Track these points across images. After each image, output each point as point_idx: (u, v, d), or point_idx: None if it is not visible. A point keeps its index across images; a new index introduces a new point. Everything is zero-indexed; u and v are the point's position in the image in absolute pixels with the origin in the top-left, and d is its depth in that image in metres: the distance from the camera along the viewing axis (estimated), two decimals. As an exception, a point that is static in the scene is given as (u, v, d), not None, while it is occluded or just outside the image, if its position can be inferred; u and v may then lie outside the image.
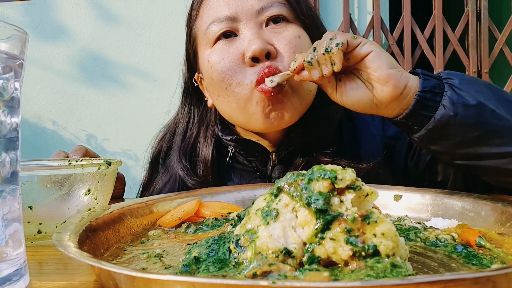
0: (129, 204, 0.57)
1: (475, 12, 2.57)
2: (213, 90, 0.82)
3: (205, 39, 0.82)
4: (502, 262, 0.39)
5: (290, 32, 0.78)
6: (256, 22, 0.78)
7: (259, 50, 0.74)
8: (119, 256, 0.44)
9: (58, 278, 0.41)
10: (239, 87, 0.77)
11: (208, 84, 0.85)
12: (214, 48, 0.80)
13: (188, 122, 0.95)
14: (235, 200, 0.69)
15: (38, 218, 0.55)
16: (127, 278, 0.31)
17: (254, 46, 0.74)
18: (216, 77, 0.79)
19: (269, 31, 0.78)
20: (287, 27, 0.79)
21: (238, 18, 0.78)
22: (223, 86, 0.79)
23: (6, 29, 0.35)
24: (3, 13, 2.71)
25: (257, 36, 0.76)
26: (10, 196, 0.36)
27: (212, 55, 0.80)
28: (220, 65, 0.78)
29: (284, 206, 0.38)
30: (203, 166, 0.88)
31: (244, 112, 0.79)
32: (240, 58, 0.77)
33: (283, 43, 0.77)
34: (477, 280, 0.26)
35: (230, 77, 0.77)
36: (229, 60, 0.77)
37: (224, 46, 0.79)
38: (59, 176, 0.55)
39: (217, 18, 0.79)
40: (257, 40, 0.75)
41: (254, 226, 0.38)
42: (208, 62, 0.80)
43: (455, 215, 0.56)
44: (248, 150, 0.87)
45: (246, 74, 0.76)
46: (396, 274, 0.31)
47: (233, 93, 0.78)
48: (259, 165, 0.88)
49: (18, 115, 0.38)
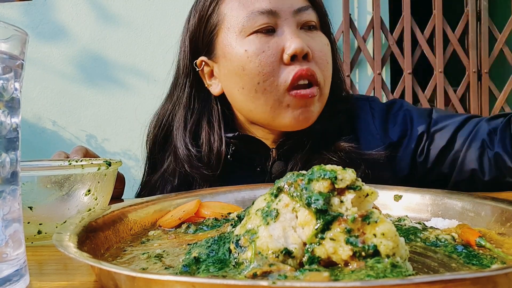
0: (129, 204, 0.57)
1: (475, 12, 2.57)
2: (238, 80, 0.80)
3: (239, 28, 0.79)
4: (502, 262, 0.39)
5: (322, 40, 0.82)
6: (294, 21, 0.79)
7: (300, 49, 0.75)
8: (119, 257, 0.44)
9: (58, 278, 0.41)
10: (272, 86, 0.77)
11: (231, 73, 0.81)
12: (251, 38, 0.78)
13: (188, 109, 0.90)
14: (235, 200, 0.69)
15: (38, 218, 0.55)
16: (127, 279, 0.31)
17: (295, 45, 0.75)
18: (251, 68, 0.77)
19: (304, 33, 0.80)
20: (319, 35, 0.82)
21: (278, 13, 0.78)
22: (256, 80, 0.77)
23: (6, 30, 0.35)
24: (3, 13, 2.71)
25: (297, 35, 0.77)
26: (10, 196, 0.36)
27: (250, 45, 0.78)
28: (259, 58, 0.77)
29: (284, 206, 0.38)
30: (210, 155, 0.85)
31: (270, 111, 0.79)
32: (279, 53, 0.77)
33: (317, 49, 0.79)
34: (477, 280, 0.26)
35: (266, 73, 0.77)
36: (269, 53, 0.77)
37: (263, 39, 0.78)
38: (59, 176, 0.55)
39: (257, 9, 0.78)
40: (298, 40, 0.76)
41: (254, 226, 0.38)
42: (246, 51, 0.78)
43: (455, 215, 0.56)
44: (249, 146, 0.87)
45: (281, 74, 0.77)
46: (396, 274, 0.31)
47: (264, 90, 0.77)
48: (259, 161, 0.88)
49: (18, 115, 0.38)
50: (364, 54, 2.57)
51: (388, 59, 2.61)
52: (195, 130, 0.88)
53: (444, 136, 0.87)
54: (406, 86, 2.58)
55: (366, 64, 2.61)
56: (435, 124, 0.88)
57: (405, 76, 2.58)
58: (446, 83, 2.58)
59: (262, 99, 0.78)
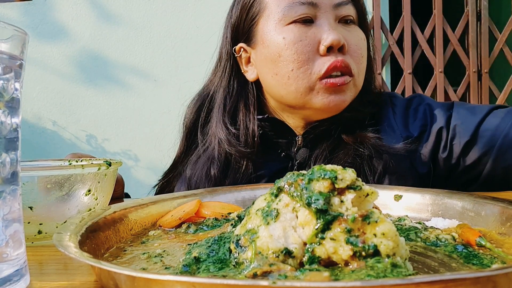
0: (129, 204, 0.57)
1: (475, 12, 2.57)
2: (273, 67, 0.83)
3: (280, 16, 0.82)
4: (503, 262, 0.39)
5: (358, 34, 0.84)
6: (332, 14, 0.82)
7: (337, 41, 0.78)
8: (120, 256, 0.44)
9: (59, 278, 0.41)
10: (306, 74, 0.80)
11: (267, 59, 0.85)
12: (290, 27, 0.82)
13: (228, 92, 0.94)
14: (236, 200, 0.69)
15: (38, 218, 0.55)
16: (127, 278, 0.31)
17: (332, 36, 0.78)
18: (287, 55, 0.80)
19: (341, 27, 0.83)
20: (355, 29, 0.85)
21: (318, 5, 0.81)
22: (290, 67, 0.81)
23: (6, 30, 0.35)
24: (3, 13, 2.71)
25: (335, 27, 0.80)
26: (11, 196, 0.36)
27: (288, 33, 0.81)
28: (297, 46, 0.80)
29: (284, 206, 0.38)
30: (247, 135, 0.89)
31: (301, 97, 0.82)
32: (316, 44, 0.80)
33: (353, 43, 0.82)
34: (478, 280, 0.26)
35: (302, 61, 0.80)
36: (306, 43, 0.80)
37: (302, 28, 0.81)
38: (59, 176, 0.55)
39: (299, 0, 0.81)
40: (335, 32, 0.79)
41: (254, 226, 0.38)
42: (284, 39, 0.81)
43: (455, 215, 0.56)
44: (276, 130, 0.90)
45: (316, 63, 0.80)
46: (397, 274, 0.31)
47: (297, 78, 0.80)
48: (284, 146, 0.90)
49: (18, 115, 0.38)
50: (364, 54, 2.57)
51: (388, 59, 2.61)
52: (234, 111, 0.93)
53: (468, 130, 0.84)
54: (406, 86, 2.58)
55: (366, 64, 2.61)
56: (456, 118, 0.86)
57: (405, 76, 2.58)
58: (446, 83, 2.58)
59: (293, 86, 0.81)
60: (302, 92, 0.81)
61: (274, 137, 0.90)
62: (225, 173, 0.89)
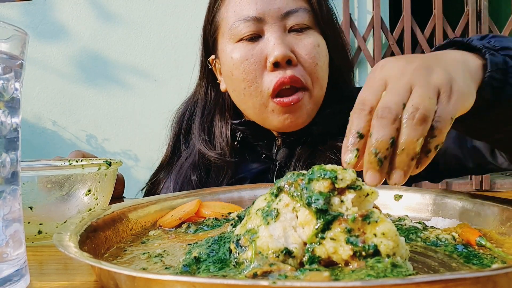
0: (129, 204, 0.57)
1: (475, 12, 2.57)
2: (231, 83, 0.85)
3: (229, 34, 0.82)
4: (503, 262, 0.39)
5: (311, 41, 0.80)
6: (281, 26, 0.79)
7: (281, 56, 0.76)
8: (120, 256, 0.44)
9: (59, 278, 0.41)
10: (257, 92, 0.79)
11: (226, 77, 0.86)
12: (238, 45, 0.81)
13: (206, 101, 0.96)
14: (235, 200, 0.69)
15: (38, 218, 0.55)
16: (127, 278, 0.31)
17: (276, 52, 0.76)
18: (237, 75, 0.81)
19: (292, 37, 0.80)
20: (308, 35, 0.81)
21: (264, 19, 0.79)
22: (242, 86, 0.81)
23: (6, 30, 0.35)
24: (3, 13, 2.71)
25: (281, 41, 0.77)
26: (11, 196, 0.36)
27: (235, 52, 0.81)
28: (243, 66, 0.79)
29: (285, 206, 0.38)
30: (222, 141, 0.91)
31: (258, 114, 0.82)
32: (262, 61, 0.79)
33: (304, 52, 0.79)
34: (478, 280, 0.26)
35: (250, 80, 0.79)
36: (252, 61, 0.79)
37: (248, 46, 0.80)
38: (59, 176, 0.55)
39: (243, 17, 0.80)
40: (280, 46, 0.76)
41: (254, 226, 0.38)
42: (232, 58, 0.81)
43: (455, 214, 0.56)
44: (255, 134, 0.89)
45: (264, 81, 0.78)
46: (397, 274, 0.31)
47: (250, 95, 0.80)
48: (264, 149, 0.90)
49: (18, 115, 0.38)
50: (364, 54, 2.57)
51: (388, 59, 2.61)
52: (211, 119, 0.94)
53: None
54: (406, 85, 2.57)
55: (366, 64, 2.61)
56: None
57: (405, 76, 2.58)
58: (446, 82, 2.57)
59: (250, 103, 0.82)
60: (258, 109, 0.81)
61: (252, 140, 0.90)
62: (206, 179, 0.89)
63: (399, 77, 0.40)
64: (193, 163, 0.91)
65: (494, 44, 0.52)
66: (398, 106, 0.38)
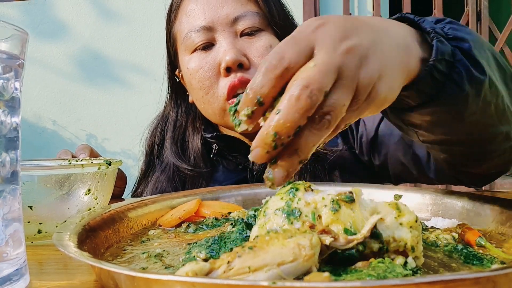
0: (129, 203, 0.57)
1: (475, 12, 2.56)
2: (192, 93, 0.88)
3: (184, 45, 0.84)
4: (502, 262, 0.39)
5: (263, 43, 0.81)
6: (231, 31, 0.81)
7: (232, 61, 0.77)
8: (119, 256, 0.44)
9: (58, 277, 0.41)
10: (214, 98, 0.81)
11: (188, 87, 0.89)
12: (193, 56, 0.83)
13: (177, 113, 0.98)
14: (235, 200, 0.69)
15: (38, 217, 0.55)
16: (127, 278, 0.31)
17: (227, 57, 0.77)
18: (194, 84, 0.83)
19: (244, 41, 0.81)
20: (260, 38, 0.82)
21: (214, 27, 0.81)
22: (200, 94, 0.83)
23: (6, 29, 0.35)
24: (3, 13, 2.71)
25: (232, 46, 0.79)
26: (10, 196, 0.36)
27: (190, 63, 0.83)
28: (198, 74, 0.81)
29: (306, 205, 0.38)
30: (194, 153, 0.91)
31: (220, 119, 0.84)
32: (216, 68, 0.80)
33: (256, 55, 0.80)
34: (478, 280, 0.26)
35: (206, 88, 0.81)
36: (206, 69, 0.81)
37: (202, 55, 0.82)
38: (59, 176, 0.55)
39: (194, 27, 0.82)
40: (230, 51, 0.78)
41: (277, 227, 0.37)
42: (188, 69, 0.84)
43: (455, 214, 0.56)
44: (229, 146, 0.90)
45: (219, 87, 0.80)
46: (396, 274, 0.31)
47: (209, 102, 0.82)
48: (241, 159, 0.90)
49: (18, 115, 0.38)
50: (364, 54, 2.57)
51: (388, 59, 2.61)
52: (183, 132, 0.95)
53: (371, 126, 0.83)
54: (406, 85, 2.58)
55: (366, 64, 2.61)
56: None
57: (405, 76, 2.58)
58: (446, 82, 2.58)
59: (210, 110, 0.84)
60: (218, 114, 0.82)
61: (228, 152, 0.90)
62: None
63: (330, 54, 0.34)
64: (168, 176, 0.92)
65: (448, 31, 0.46)
66: (321, 93, 0.32)
